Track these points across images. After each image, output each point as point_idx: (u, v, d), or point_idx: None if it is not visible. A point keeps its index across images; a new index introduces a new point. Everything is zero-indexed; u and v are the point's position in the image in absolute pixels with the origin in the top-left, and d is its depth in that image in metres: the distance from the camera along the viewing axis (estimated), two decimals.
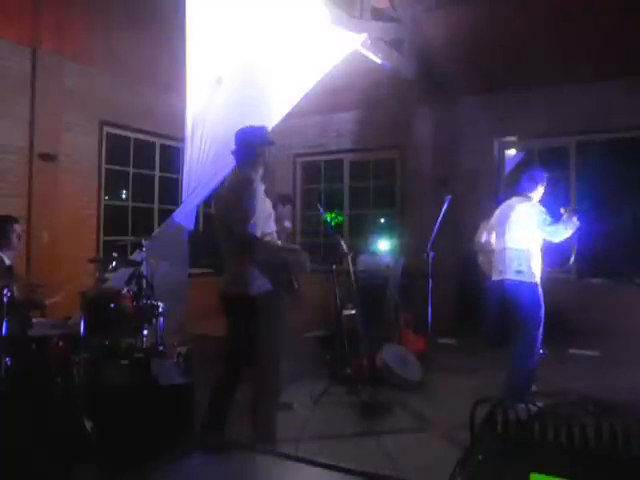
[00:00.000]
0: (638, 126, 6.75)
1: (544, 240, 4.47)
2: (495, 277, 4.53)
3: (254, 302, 3.19)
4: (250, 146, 3.33)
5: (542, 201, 4.60)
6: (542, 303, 4.33)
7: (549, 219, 4.35)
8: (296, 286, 3.11)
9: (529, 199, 4.52)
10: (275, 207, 6.15)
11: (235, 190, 3.27)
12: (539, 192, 4.58)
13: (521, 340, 4.33)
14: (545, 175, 4.60)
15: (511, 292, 4.39)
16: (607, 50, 6.35)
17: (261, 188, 3.27)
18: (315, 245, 9.38)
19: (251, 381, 3.31)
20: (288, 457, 1.36)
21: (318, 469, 1.30)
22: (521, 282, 4.34)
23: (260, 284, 3.15)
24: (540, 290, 4.36)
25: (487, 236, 4.92)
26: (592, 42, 6.27)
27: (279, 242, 3.45)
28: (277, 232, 3.41)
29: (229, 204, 3.27)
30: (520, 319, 4.34)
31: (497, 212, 4.72)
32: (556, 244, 4.47)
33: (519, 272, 4.34)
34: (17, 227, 4.17)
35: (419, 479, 3.12)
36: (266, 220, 3.24)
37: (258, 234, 3.10)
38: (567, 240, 4.47)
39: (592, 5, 5.91)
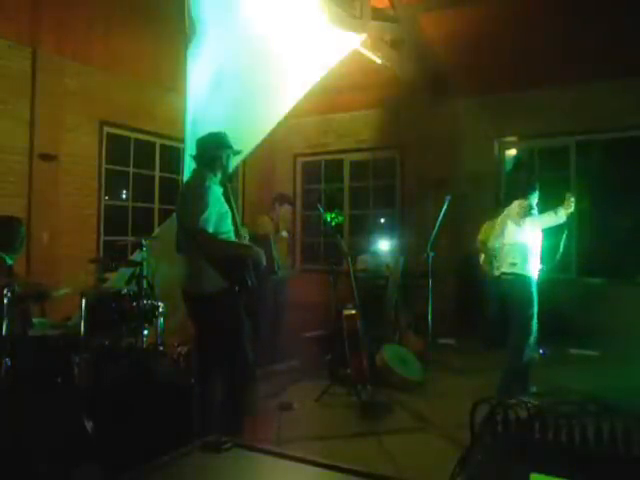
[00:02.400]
0: (638, 126, 6.74)
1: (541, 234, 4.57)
2: (493, 274, 4.65)
3: (209, 301, 3.23)
4: (207, 149, 3.44)
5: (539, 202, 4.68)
6: (535, 298, 4.41)
7: (531, 212, 4.46)
8: (250, 282, 3.12)
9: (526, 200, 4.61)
10: (274, 207, 6.20)
11: (189, 189, 3.42)
12: (536, 195, 4.67)
13: (515, 333, 4.43)
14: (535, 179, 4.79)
15: (506, 285, 4.53)
16: (606, 50, 6.35)
17: (217, 188, 3.35)
18: (315, 245, 9.39)
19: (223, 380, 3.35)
20: (288, 457, 1.36)
21: (318, 469, 1.30)
22: (514, 274, 4.46)
23: (214, 282, 3.18)
24: (534, 285, 4.44)
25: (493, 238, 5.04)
26: (592, 42, 6.27)
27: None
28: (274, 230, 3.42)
29: (183, 201, 3.39)
30: (513, 312, 4.46)
31: (500, 216, 4.81)
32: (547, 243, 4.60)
33: (513, 264, 4.48)
34: (21, 229, 4.15)
35: (419, 479, 3.12)
36: (221, 219, 3.28)
37: (210, 230, 3.14)
38: (557, 237, 4.59)
39: (591, 5, 5.91)
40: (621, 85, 6.67)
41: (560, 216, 4.42)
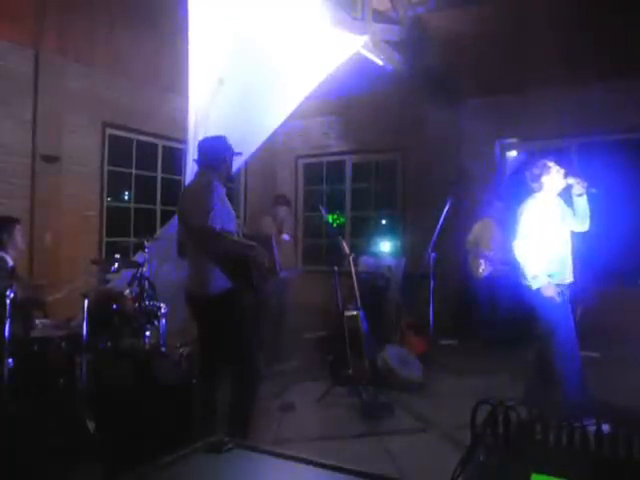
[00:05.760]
0: None
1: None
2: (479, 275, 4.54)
3: (213, 302, 3.24)
4: (210, 153, 3.47)
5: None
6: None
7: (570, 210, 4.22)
8: (255, 282, 3.13)
9: (537, 197, 4.31)
10: (274, 208, 6.21)
11: (195, 189, 3.42)
12: (552, 184, 4.30)
13: None
14: (546, 163, 4.29)
15: None
16: (608, 51, 6.35)
17: (222, 190, 3.37)
18: (317, 246, 9.39)
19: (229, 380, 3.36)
20: (288, 457, 1.36)
21: (319, 469, 1.30)
22: None
23: (220, 283, 3.19)
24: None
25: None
26: (593, 43, 6.27)
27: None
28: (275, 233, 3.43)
29: (189, 201, 3.39)
30: None
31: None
32: None
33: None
34: (18, 227, 4.18)
35: (420, 479, 3.12)
36: (226, 219, 3.29)
37: (217, 228, 3.15)
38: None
39: (592, 6, 5.92)
40: (623, 86, 6.66)
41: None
